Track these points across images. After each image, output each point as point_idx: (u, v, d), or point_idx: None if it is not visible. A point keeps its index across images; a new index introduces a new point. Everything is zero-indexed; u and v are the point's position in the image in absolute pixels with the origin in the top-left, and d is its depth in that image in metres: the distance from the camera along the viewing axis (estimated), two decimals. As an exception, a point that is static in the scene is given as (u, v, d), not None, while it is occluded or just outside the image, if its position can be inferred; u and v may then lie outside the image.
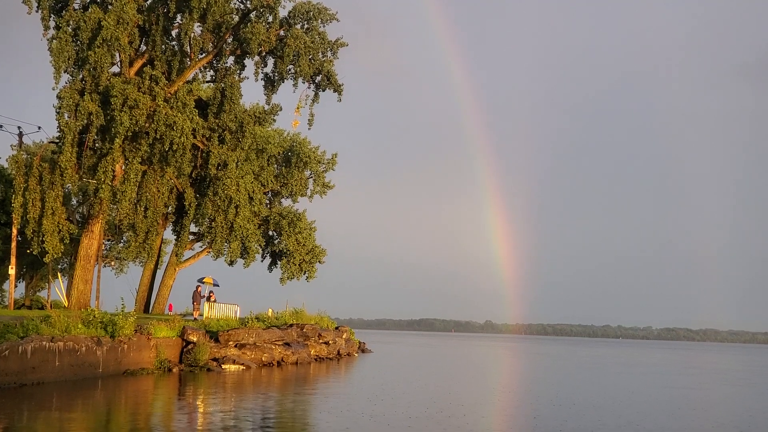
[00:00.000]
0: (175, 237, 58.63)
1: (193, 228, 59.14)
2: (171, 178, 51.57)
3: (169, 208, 56.05)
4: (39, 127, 50.85)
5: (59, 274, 59.93)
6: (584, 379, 48.67)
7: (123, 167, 47.07)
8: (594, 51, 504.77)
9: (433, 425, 21.92)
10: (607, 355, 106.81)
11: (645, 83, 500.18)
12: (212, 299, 55.10)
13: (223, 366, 41.85)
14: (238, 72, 51.75)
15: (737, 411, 31.12)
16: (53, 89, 44.60)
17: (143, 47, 49.66)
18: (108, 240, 67.18)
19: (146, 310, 60.02)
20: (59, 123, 44.58)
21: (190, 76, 52.21)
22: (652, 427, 23.39)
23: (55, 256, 46.05)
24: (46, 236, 44.39)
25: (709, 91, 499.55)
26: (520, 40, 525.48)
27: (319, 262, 68.77)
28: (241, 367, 42.42)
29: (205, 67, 53.13)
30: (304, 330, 53.82)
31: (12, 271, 47.92)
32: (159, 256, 62.49)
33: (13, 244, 47.62)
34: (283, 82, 52.08)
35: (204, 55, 51.40)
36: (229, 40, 50.92)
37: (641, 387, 42.01)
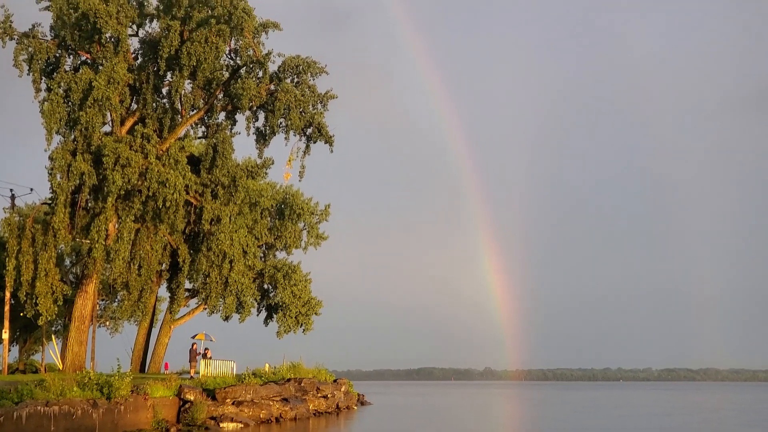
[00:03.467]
0: (170, 294, 58.32)
1: (187, 284, 58.83)
2: (164, 235, 51.45)
3: (163, 265, 55.84)
4: (31, 189, 50.93)
5: (53, 337, 59.40)
6: (567, 421, 48.79)
7: (116, 226, 46.97)
8: (585, 90, 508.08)
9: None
10: (599, 398, 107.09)
11: (638, 119, 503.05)
12: (208, 356, 54.58)
13: (221, 425, 41.26)
14: (229, 127, 51.98)
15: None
16: (45, 150, 44.78)
17: (134, 106, 49.93)
18: (102, 300, 66.76)
19: (142, 369, 59.42)
20: (51, 184, 44.59)
21: (181, 132, 52.42)
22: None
23: (49, 318, 45.71)
24: (39, 298, 44.09)
25: (702, 125, 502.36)
26: (512, 83, 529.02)
27: (315, 313, 68.41)
28: (240, 425, 41.84)
29: (196, 124, 53.38)
30: (302, 384, 53.20)
31: (5, 335, 47.49)
32: (154, 314, 62.04)
33: (6, 308, 47.28)
34: (275, 135, 52.23)
35: (195, 111, 51.66)
36: (220, 96, 51.23)
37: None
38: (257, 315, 68.03)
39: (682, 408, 74.02)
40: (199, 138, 57.18)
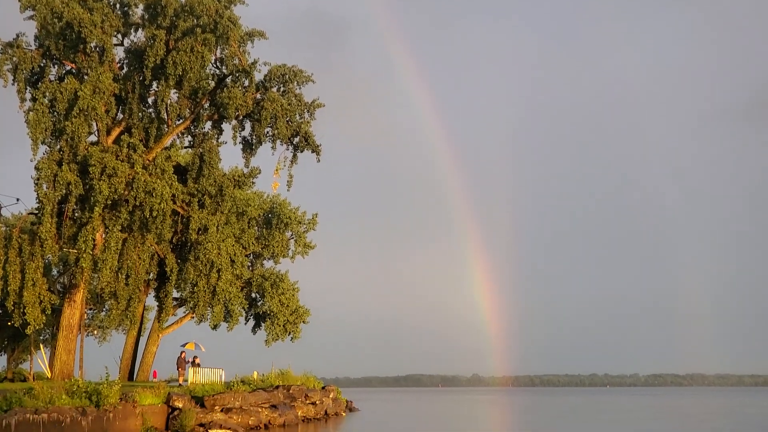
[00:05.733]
0: (158, 303, 58.35)
1: (175, 293, 58.91)
2: (152, 245, 51.51)
3: (151, 275, 55.87)
4: (17, 199, 50.83)
5: (41, 346, 59.26)
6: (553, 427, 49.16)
7: (103, 236, 47.03)
8: (576, 104, 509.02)
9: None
10: (585, 404, 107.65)
11: (629, 132, 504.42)
12: (197, 363, 54.64)
13: (210, 431, 41.38)
14: (216, 136, 52.08)
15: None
16: (31, 161, 44.82)
17: (120, 115, 50.00)
18: (90, 309, 66.70)
19: (131, 377, 59.40)
20: (38, 194, 44.64)
21: (168, 142, 52.54)
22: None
23: (37, 327, 45.69)
24: (27, 308, 44.10)
25: (695, 138, 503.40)
26: (501, 95, 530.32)
27: (303, 322, 68.54)
28: (229, 431, 41.96)
29: (182, 133, 53.50)
30: (291, 391, 53.32)
31: (-7, 344, 47.47)
32: (142, 323, 62.00)
33: (-6, 317, 47.24)
34: (261, 144, 52.36)
35: (181, 121, 51.80)
36: (206, 105, 51.40)
37: None
38: (245, 323, 68.16)
39: (668, 413, 74.76)
40: (186, 147, 57.36)
